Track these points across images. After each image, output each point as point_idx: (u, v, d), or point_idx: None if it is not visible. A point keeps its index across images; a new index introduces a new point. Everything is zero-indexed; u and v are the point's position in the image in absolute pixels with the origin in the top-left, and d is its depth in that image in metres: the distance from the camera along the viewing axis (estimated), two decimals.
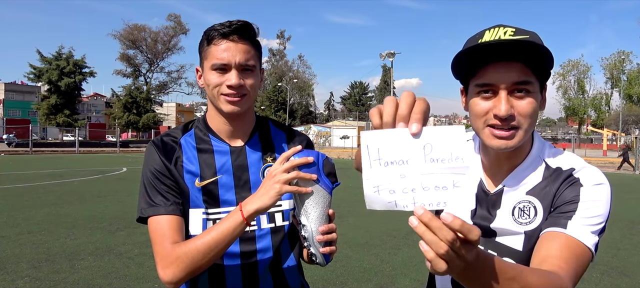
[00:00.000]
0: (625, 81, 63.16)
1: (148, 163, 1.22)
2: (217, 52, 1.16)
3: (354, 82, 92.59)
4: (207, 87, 1.20)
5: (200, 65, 1.24)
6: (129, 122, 56.23)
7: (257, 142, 1.29)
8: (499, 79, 0.94)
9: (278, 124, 1.38)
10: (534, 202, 1.03)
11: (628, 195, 11.64)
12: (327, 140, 55.49)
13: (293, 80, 72.61)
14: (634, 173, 19.89)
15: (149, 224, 1.16)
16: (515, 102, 0.95)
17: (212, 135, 1.26)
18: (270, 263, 1.25)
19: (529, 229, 1.02)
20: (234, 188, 1.23)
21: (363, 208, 0.72)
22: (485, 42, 0.94)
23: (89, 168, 17.36)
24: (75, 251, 5.20)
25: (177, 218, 1.16)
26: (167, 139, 1.26)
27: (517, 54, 0.93)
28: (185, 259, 1.07)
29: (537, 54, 0.92)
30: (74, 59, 53.05)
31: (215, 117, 1.26)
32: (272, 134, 1.33)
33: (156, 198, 1.17)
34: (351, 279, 4.44)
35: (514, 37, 0.94)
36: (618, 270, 4.91)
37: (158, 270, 1.11)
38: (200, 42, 1.22)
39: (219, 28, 1.17)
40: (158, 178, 1.19)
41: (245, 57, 1.17)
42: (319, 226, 1.07)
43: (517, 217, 1.04)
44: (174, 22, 61.15)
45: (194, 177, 1.21)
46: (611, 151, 43.05)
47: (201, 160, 1.23)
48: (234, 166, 1.24)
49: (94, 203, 8.57)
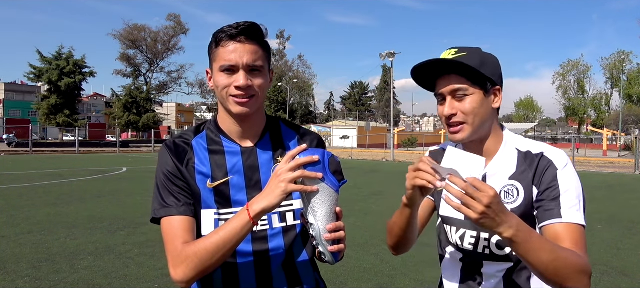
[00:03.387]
0: (625, 81, 63.16)
1: (161, 166, 1.24)
2: (225, 53, 1.17)
3: (354, 82, 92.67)
4: (216, 89, 1.21)
5: (209, 67, 1.25)
6: (129, 122, 56.25)
7: (268, 142, 1.30)
8: (443, 87, 1.23)
9: (289, 124, 1.39)
10: (516, 185, 1.24)
11: (628, 195, 11.64)
12: (327, 140, 55.49)
13: (293, 80, 72.63)
14: (634, 173, 19.88)
15: (162, 225, 1.18)
16: (456, 103, 1.21)
17: (224, 136, 1.28)
18: (283, 262, 1.26)
19: (513, 207, 1.22)
20: (245, 189, 1.24)
21: (363, 208, 0.72)
22: (425, 61, 1.21)
23: (89, 168, 17.36)
24: (75, 251, 5.20)
25: (188, 218, 1.18)
26: (179, 141, 1.28)
27: (452, 68, 1.21)
28: (195, 259, 1.09)
29: (465, 67, 1.17)
30: (74, 59, 53.04)
31: (225, 118, 1.27)
32: (283, 133, 1.34)
33: (168, 200, 1.19)
34: (351, 279, 4.44)
35: (453, 56, 1.21)
36: (618, 270, 4.91)
37: (170, 269, 1.13)
38: (209, 45, 1.23)
39: (226, 30, 1.18)
40: (170, 180, 1.21)
41: (253, 58, 1.18)
42: (326, 224, 1.08)
43: (503, 199, 1.23)
44: (174, 22, 61.19)
45: (206, 178, 1.23)
46: (611, 151, 43.06)
47: (212, 161, 1.25)
48: (245, 166, 1.25)
49: (94, 203, 8.56)
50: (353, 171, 18.79)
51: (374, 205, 9.04)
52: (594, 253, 5.37)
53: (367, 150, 42.35)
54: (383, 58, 34.68)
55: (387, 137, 40.55)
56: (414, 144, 49.64)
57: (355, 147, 40.30)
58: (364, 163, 25.29)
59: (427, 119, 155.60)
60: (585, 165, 24.81)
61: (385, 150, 37.28)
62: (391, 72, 37.69)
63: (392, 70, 37.29)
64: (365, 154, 36.15)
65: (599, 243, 5.94)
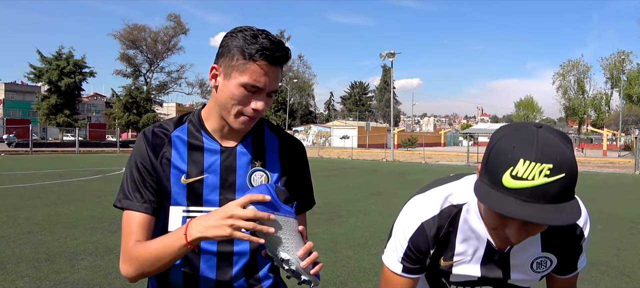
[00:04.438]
0: (625, 81, 63.09)
1: (135, 155, 1.22)
2: (256, 73, 1.10)
3: (354, 82, 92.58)
4: (226, 98, 1.15)
5: (222, 67, 1.15)
6: (129, 122, 56.20)
7: (249, 144, 1.26)
8: (533, 225, 0.98)
9: (273, 128, 1.35)
10: (549, 256, 1.17)
11: (628, 195, 11.64)
12: (327, 140, 55.48)
13: (293, 80, 72.59)
14: (634, 173, 19.88)
15: (123, 216, 1.20)
16: (526, 232, 1.00)
17: (205, 132, 1.24)
18: (245, 266, 1.25)
19: (545, 273, 1.20)
20: (219, 189, 1.21)
21: (363, 208, 0.72)
22: (526, 219, 0.88)
23: (89, 168, 17.36)
24: (75, 251, 5.20)
25: (147, 217, 1.18)
26: (159, 130, 1.24)
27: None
28: (136, 262, 1.12)
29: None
30: (74, 59, 53.01)
31: (213, 117, 1.23)
32: (265, 138, 1.31)
33: (133, 193, 1.19)
34: (351, 279, 4.44)
35: (551, 179, 0.86)
36: (618, 270, 4.91)
37: (119, 262, 1.17)
38: (231, 45, 1.12)
39: (265, 47, 1.09)
40: (140, 173, 1.20)
41: (276, 84, 1.15)
42: (299, 253, 1.06)
43: (535, 269, 1.17)
44: (174, 22, 61.04)
45: (180, 174, 1.20)
46: (611, 151, 43.05)
47: (190, 157, 1.22)
48: (222, 167, 1.22)
49: (94, 203, 8.58)
50: (353, 171, 18.79)
51: (374, 205, 9.04)
52: (594, 253, 5.37)
53: (367, 150, 42.33)
54: (383, 58, 34.67)
55: (387, 137, 40.56)
56: (414, 144, 49.60)
57: (355, 147, 40.29)
58: (364, 163, 25.28)
59: (427, 119, 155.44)
60: (585, 165, 24.80)
61: (385, 150, 37.27)
62: (391, 72, 37.68)
63: (392, 70, 37.28)
64: (365, 154, 36.13)
65: (599, 244, 5.93)
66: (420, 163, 25.71)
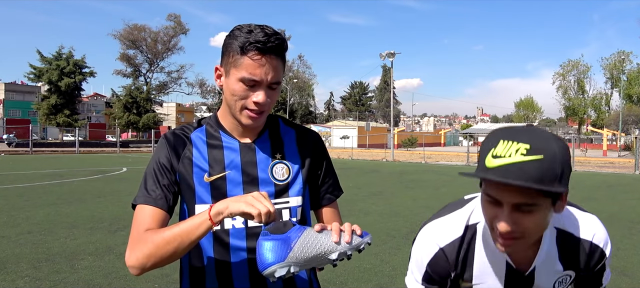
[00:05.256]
0: (625, 81, 63.11)
1: (155, 155, 1.25)
2: (251, 67, 1.12)
3: (354, 82, 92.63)
4: (229, 96, 1.18)
5: (223, 66, 1.19)
6: (129, 122, 56.24)
7: (267, 139, 1.30)
8: (505, 196, 0.95)
9: (288, 122, 1.39)
10: (570, 273, 1.18)
11: (628, 195, 11.63)
12: (327, 140, 55.49)
13: (293, 80, 72.59)
14: (634, 173, 19.88)
15: (135, 211, 1.19)
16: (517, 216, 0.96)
17: (223, 131, 1.28)
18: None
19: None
20: (242, 185, 1.23)
21: (363, 208, 0.72)
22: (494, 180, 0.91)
23: (89, 168, 17.35)
24: (75, 251, 5.20)
25: (161, 211, 1.17)
26: (179, 132, 1.28)
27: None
28: (151, 244, 1.08)
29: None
30: (74, 59, 53.00)
31: (228, 117, 1.26)
32: (281, 131, 1.34)
33: (150, 190, 1.19)
34: (351, 279, 4.44)
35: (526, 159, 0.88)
36: (618, 270, 4.90)
37: (126, 252, 1.13)
38: (228, 43, 1.16)
39: (256, 39, 1.11)
40: (160, 171, 1.21)
41: (276, 76, 1.16)
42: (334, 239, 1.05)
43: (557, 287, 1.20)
44: (174, 22, 61.12)
45: (203, 172, 1.23)
46: (611, 151, 43.07)
47: (210, 155, 1.25)
48: (243, 162, 1.25)
49: (94, 203, 8.56)
50: (353, 171, 18.79)
51: (374, 205, 9.04)
52: None
53: (367, 150, 42.34)
54: (383, 58, 34.67)
55: (387, 137, 40.57)
56: (414, 144, 49.61)
57: (355, 147, 40.29)
58: (364, 163, 25.28)
59: (427, 119, 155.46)
60: (585, 165, 24.81)
61: (385, 150, 37.28)
62: (391, 72, 37.68)
63: (392, 70, 37.27)
64: (365, 154, 36.14)
65: None
66: (420, 164, 25.70)
